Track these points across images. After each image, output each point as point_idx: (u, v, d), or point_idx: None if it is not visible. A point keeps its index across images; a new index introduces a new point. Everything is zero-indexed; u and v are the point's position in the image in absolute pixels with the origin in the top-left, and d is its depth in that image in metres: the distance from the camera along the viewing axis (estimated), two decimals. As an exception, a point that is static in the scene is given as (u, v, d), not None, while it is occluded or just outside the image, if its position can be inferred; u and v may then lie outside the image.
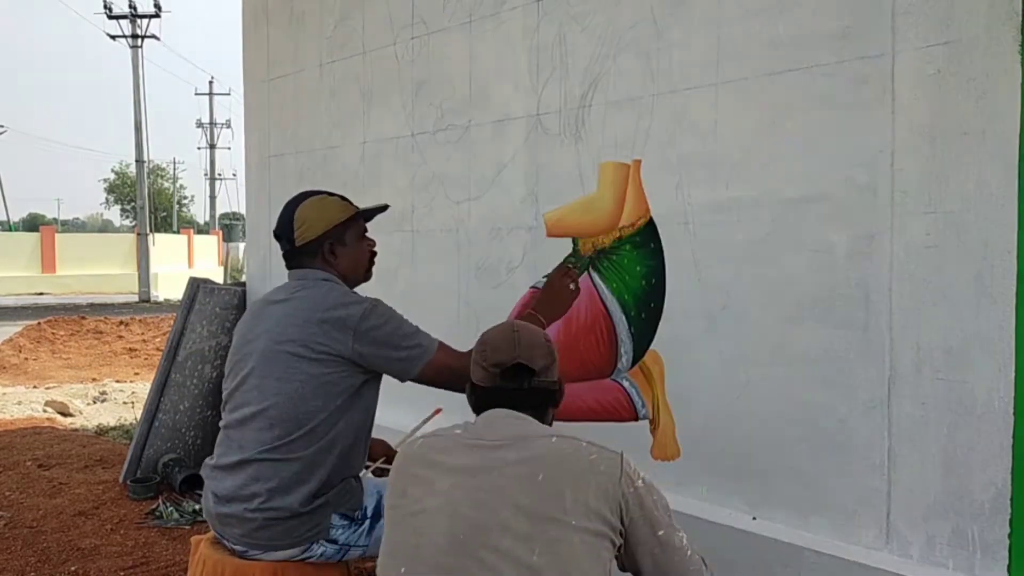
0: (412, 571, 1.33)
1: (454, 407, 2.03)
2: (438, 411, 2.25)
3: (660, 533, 1.38)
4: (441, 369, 1.90)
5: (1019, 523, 1.65)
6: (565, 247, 2.51)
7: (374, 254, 2.11)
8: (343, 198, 2.05)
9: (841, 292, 1.89)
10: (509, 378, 1.49)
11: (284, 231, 1.99)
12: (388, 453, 2.27)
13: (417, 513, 1.37)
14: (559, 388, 1.56)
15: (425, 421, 2.27)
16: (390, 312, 1.91)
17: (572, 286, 2.25)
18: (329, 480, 1.86)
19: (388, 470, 2.25)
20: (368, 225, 2.11)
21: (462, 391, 1.74)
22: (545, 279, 2.54)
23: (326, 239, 1.97)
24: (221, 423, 1.96)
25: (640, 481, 1.38)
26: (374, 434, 2.05)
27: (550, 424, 1.57)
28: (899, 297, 1.80)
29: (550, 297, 2.24)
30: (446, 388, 1.93)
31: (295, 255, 1.99)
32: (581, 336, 2.46)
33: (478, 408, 1.54)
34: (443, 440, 1.47)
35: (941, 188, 1.73)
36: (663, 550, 1.38)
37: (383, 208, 2.15)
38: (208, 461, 1.95)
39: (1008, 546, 1.66)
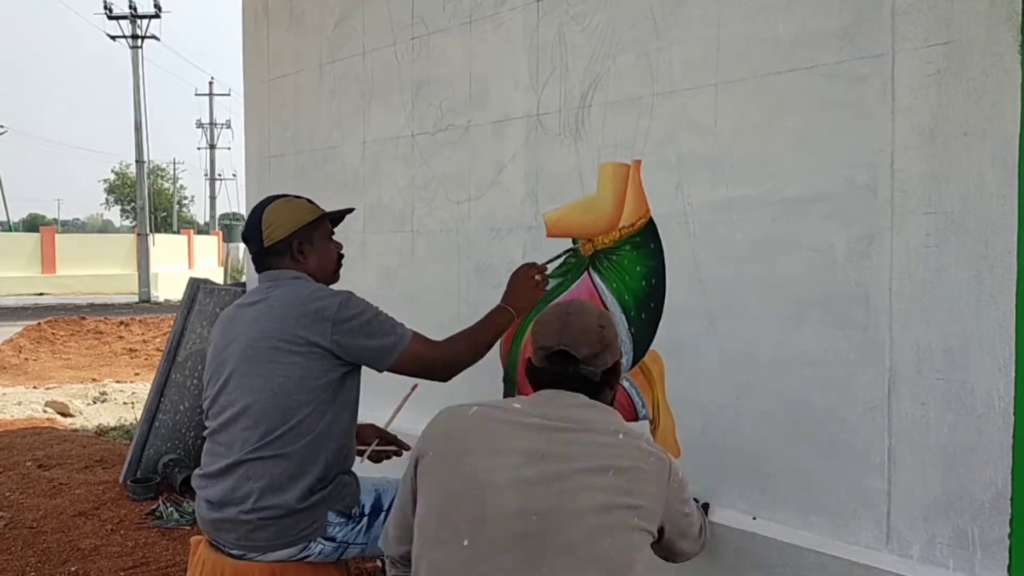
0: (475, 544, 1.35)
1: (432, 389, 2.10)
2: (415, 388, 2.28)
3: (686, 510, 1.57)
4: (416, 358, 1.95)
5: (1019, 523, 1.65)
6: (565, 247, 2.51)
7: (341, 256, 2.14)
8: (310, 201, 2.08)
9: (841, 292, 1.89)
10: (555, 362, 1.53)
11: (253, 233, 2.00)
12: (380, 435, 2.29)
13: (484, 485, 1.38)
14: (611, 371, 1.58)
15: (405, 399, 2.31)
16: (364, 303, 1.94)
17: (538, 277, 2.25)
18: (323, 476, 1.86)
19: (386, 452, 2.28)
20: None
21: (436, 379, 1.99)
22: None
23: (294, 239, 1.99)
24: (205, 432, 1.96)
25: (679, 475, 1.54)
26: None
27: (611, 403, 1.61)
28: (899, 297, 1.80)
29: (514, 290, 2.24)
30: (421, 377, 2.02)
31: (264, 256, 2.00)
32: (581, 336, 2.46)
33: (535, 385, 1.58)
34: (501, 412, 1.50)
35: (941, 188, 1.73)
36: (685, 525, 1.58)
37: (349, 211, 2.18)
38: (196, 472, 1.96)
39: (1008, 546, 1.66)
